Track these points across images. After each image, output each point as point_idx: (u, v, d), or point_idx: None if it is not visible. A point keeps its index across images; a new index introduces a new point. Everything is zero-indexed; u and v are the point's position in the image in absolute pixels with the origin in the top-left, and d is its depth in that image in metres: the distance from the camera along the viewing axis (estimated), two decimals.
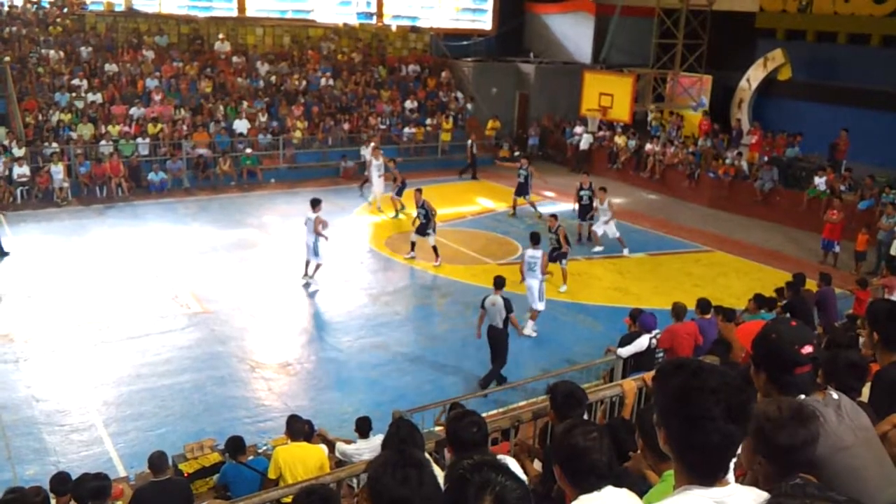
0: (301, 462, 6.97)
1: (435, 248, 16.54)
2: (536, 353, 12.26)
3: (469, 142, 26.15)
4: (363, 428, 8.04)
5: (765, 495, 2.26)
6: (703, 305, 10.17)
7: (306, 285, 15.16)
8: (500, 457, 3.39)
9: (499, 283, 11.46)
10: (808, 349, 2.76)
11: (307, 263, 15.27)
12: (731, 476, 2.17)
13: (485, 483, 1.86)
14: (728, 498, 2.08)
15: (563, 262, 15.10)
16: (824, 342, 6.69)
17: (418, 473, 2.28)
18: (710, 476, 2.10)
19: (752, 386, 2.80)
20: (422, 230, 16.61)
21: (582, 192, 18.70)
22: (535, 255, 13.14)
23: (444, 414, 8.26)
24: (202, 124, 23.84)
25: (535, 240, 13.33)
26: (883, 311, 3.92)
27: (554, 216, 15.67)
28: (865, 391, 3.98)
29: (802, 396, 2.77)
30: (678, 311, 9.95)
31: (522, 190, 20.54)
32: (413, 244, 16.90)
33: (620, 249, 17.60)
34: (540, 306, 13.18)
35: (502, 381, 11.24)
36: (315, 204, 15.12)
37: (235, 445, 7.47)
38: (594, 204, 18.17)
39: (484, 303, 11.43)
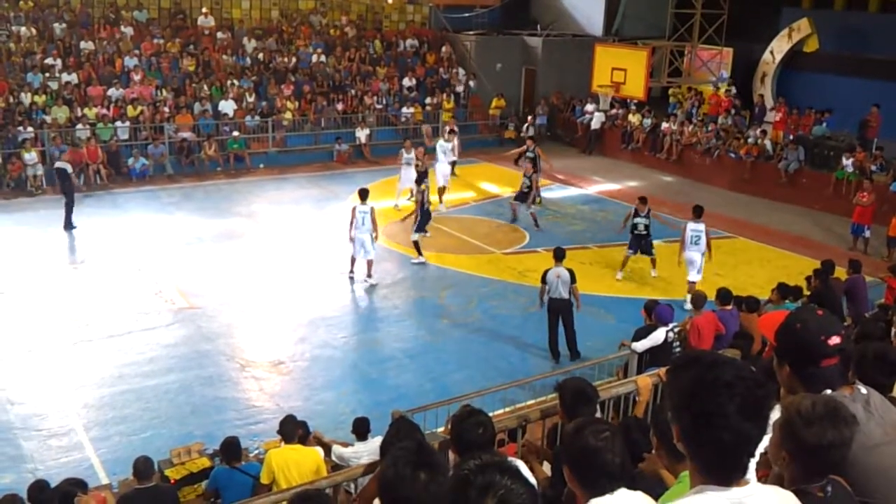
0: (295, 465, 7.01)
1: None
2: (545, 348, 12.28)
3: (526, 125, 25.81)
4: (361, 429, 8.07)
5: (788, 495, 2.27)
6: (724, 296, 10.22)
7: (366, 283, 15.06)
8: (509, 459, 3.41)
9: (559, 254, 12.13)
10: (835, 340, 2.76)
11: (355, 261, 15.13)
12: (751, 475, 2.18)
13: (487, 485, 1.87)
14: (747, 498, 2.09)
15: (652, 250, 15.71)
16: (854, 334, 6.69)
17: (429, 475, 2.34)
18: (724, 477, 2.10)
19: (773, 381, 2.80)
20: None
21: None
22: (699, 228, 14.10)
23: None
24: (185, 106, 23.82)
25: (697, 213, 14.31)
26: None
27: (643, 199, 15.85)
28: None
29: (829, 391, 2.78)
30: (698, 300, 10.05)
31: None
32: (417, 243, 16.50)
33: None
34: (697, 277, 14.09)
35: (577, 355, 12.01)
36: (365, 195, 15.04)
37: (232, 450, 7.43)
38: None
39: (546, 276, 11.94)
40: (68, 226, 17.44)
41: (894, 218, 16.88)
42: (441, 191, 20.09)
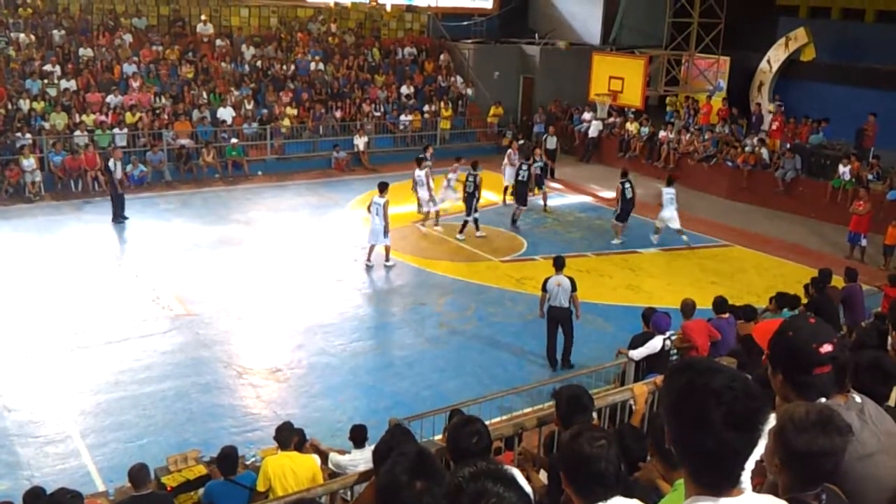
0: (292, 473, 6.99)
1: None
2: (543, 356, 12.29)
3: (545, 136, 25.19)
4: (358, 437, 8.06)
5: None
6: (719, 304, 10.24)
7: (371, 267, 16.16)
8: (507, 467, 3.42)
9: (560, 263, 12.16)
10: (827, 348, 2.75)
11: (371, 249, 16.19)
12: (746, 485, 2.17)
13: (479, 493, 1.86)
14: None
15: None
16: (851, 342, 6.69)
17: (426, 483, 2.34)
18: (713, 485, 2.09)
19: (769, 391, 2.80)
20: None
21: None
22: (671, 190, 17.79)
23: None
24: (184, 113, 23.84)
25: (669, 181, 18.22)
26: None
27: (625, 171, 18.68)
28: (894, 395, 4.00)
29: (823, 399, 2.78)
30: (686, 307, 10.11)
31: (538, 181, 20.55)
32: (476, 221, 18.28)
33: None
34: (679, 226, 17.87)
35: (569, 365, 12.05)
36: (384, 188, 15.94)
37: (228, 462, 7.36)
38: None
39: (546, 285, 11.98)
40: (121, 218, 18.74)
41: (890, 226, 16.90)
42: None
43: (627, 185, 18.25)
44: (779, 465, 2.52)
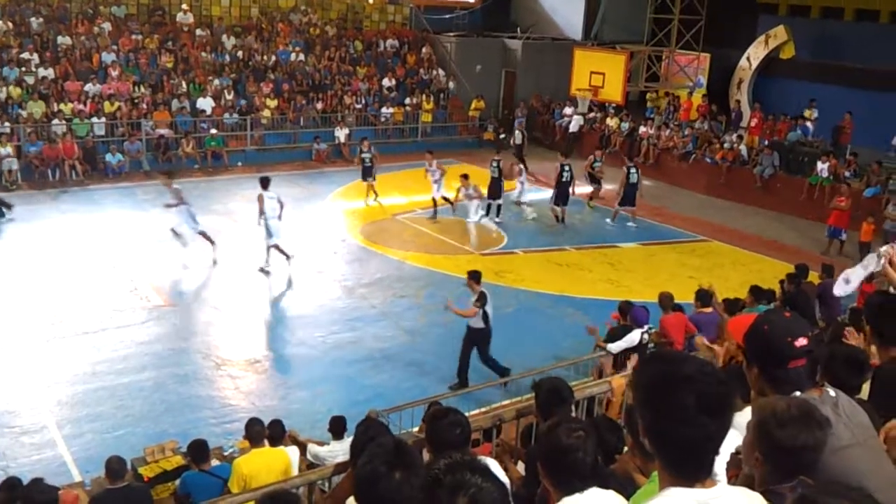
0: (266, 468, 6.91)
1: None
2: (522, 349, 12.30)
3: (515, 129, 24.95)
4: (337, 428, 8.04)
5: (756, 496, 2.30)
6: (702, 297, 10.27)
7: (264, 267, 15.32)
8: (481, 458, 3.42)
9: (479, 277, 11.41)
10: (802, 342, 2.78)
11: (277, 248, 15.31)
12: (720, 477, 2.20)
13: (458, 485, 1.87)
14: (714, 500, 2.10)
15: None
16: (828, 337, 6.75)
17: (404, 474, 2.35)
18: (688, 475, 2.12)
19: (741, 382, 2.83)
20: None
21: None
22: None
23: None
24: (163, 102, 23.65)
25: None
26: (876, 304, 3.98)
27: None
28: (865, 388, 4.05)
29: (797, 393, 2.81)
30: (664, 300, 10.15)
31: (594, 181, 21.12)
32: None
33: None
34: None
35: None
36: (267, 183, 15.45)
37: (199, 452, 7.32)
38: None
39: (487, 299, 11.26)
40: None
41: (865, 223, 17.08)
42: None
43: (633, 169, 19.24)
44: (760, 458, 2.54)
